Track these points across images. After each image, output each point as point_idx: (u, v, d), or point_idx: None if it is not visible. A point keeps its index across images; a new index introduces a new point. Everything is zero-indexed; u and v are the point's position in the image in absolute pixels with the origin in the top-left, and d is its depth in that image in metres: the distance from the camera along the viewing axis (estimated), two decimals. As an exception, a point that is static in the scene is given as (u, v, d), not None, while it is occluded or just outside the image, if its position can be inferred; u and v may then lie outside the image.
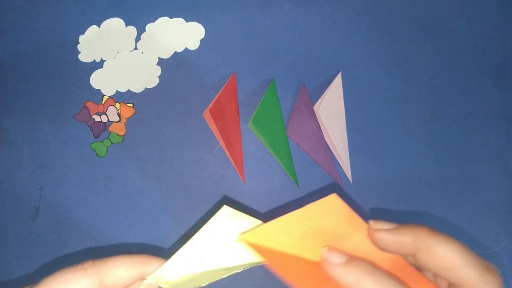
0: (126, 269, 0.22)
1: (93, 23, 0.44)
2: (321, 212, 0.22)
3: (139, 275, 0.23)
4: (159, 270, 0.23)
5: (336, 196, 0.21)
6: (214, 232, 0.23)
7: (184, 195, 0.43)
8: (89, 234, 0.43)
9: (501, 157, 0.44)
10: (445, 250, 0.20)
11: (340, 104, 0.43)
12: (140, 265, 0.23)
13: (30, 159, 0.43)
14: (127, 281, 0.22)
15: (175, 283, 0.23)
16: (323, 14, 0.44)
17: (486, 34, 0.45)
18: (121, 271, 0.22)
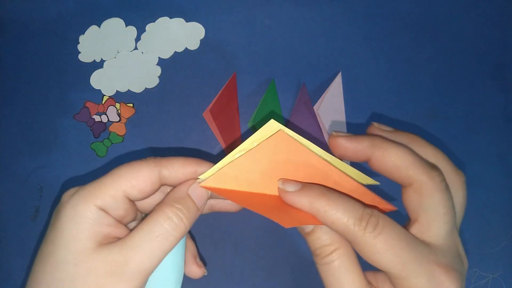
0: (182, 165, 0.26)
1: (93, 23, 0.44)
2: (273, 148, 0.24)
3: (193, 172, 0.25)
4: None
5: (282, 132, 0.23)
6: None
7: (184, 195, 0.43)
8: (89, 234, 0.43)
9: (501, 157, 0.44)
10: (396, 152, 0.23)
11: (340, 104, 0.43)
12: (193, 164, 0.26)
13: (30, 159, 0.43)
14: (181, 176, 0.25)
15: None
16: (323, 14, 0.44)
17: (486, 34, 0.45)
18: (177, 166, 0.25)
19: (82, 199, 0.23)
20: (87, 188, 0.24)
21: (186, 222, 0.24)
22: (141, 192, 0.24)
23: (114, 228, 0.23)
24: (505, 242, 0.43)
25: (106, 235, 0.23)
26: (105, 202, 0.23)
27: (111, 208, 0.23)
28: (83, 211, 0.22)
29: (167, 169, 0.25)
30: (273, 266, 0.43)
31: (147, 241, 0.22)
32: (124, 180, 0.24)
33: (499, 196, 0.43)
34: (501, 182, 0.43)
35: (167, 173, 0.25)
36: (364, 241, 0.21)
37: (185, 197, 0.25)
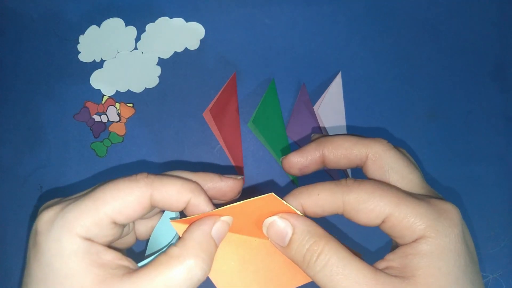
0: (178, 191, 0.22)
1: (93, 23, 0.44)
2: (259, 208, 0.22)
3: (185, 201, 0.23)
4: None
5: (273, 195, 0.21)
6: None
7: (184, 195, 0.43)
8: (89, 234, 0.43)
9: (501, 157, 0.44)
10: (340, 137, 0.25)
11: (340, 104, 0.43)
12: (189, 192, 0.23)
13: (30, 159, 0.43)
14: (175, 203, 0.22)
15: None
16: (323, 14, 0.44)
17: (486, 34, 0.45)
18: (173, 191, 0.22)
19: (65, 230, 0.20)
20: (68, 216, 0.20)
21: (207, 270, 0.21)
22: (130, 218, 0.22)
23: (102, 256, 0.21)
24: (505, 242, 0.43)
25: (101, 266, 0.20)
26: (89, 231, 0.20)
27: (97, 236, 0.21)
28: (69, 245, 0.20)
29: (160, 193, 0.22)
30: (273, 266, 0.43)
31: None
32: (109, 204, 0.21)
33: (499, 196, 0.43)
34: (501, 182, 0.43)
35: (160, 197, 0.22)
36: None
37: (209, 241, 0.21)
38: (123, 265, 0.21)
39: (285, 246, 0.22)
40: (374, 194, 0.22)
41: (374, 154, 0.24)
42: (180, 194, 0.22)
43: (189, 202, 0.23)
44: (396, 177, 0.24)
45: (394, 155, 0.24)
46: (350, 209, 0.22)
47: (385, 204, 0.21)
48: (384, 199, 0.21)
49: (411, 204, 0.21)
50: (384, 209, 0.21)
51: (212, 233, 0.22)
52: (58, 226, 0.20)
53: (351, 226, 0.42)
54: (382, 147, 0.24)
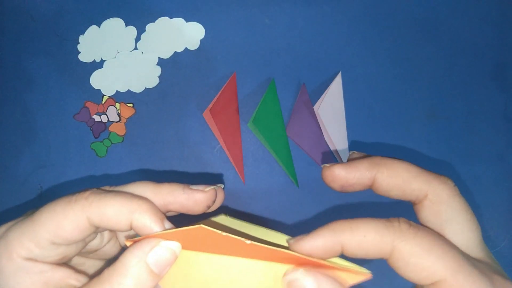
0: (115, 211, 0.21)
1: (93, 23, 0.44)
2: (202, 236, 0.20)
3: (127, 222, 0.21)
4: None
5: (203, 227, 0.19)
6: None
7: (184, 195, 0.43)
8: (89, 234, 0.43)
9: (501, 157, 0.44)
10: (400, 165, 0.22)
11: (340, 104, 0.43)
12: (129, 212, 0.21)
13: (30, 159, 0.43)
14: (116, 224, 0.21)
15: None
16: (323, 14, 0.44)
17: (486, 34, 0.45)
18: (109, 212, 0.21)
19: (4, 250, 0.20)
20: (9, 236, 0.21)
21: None
22: (67, 240, 0.21)
23: (47, 274, 0.21)
24: (505, 242, 0.43)
25: (44, 285, 0.21)
26: (31, 251, 0.20)
27: (40, 256, 0.21)
28: (8, 265, 0.20)
29: (97, 215, 0.21)
30: (273, 266, 0.43)
31: None
32: (45, 227, 0.20)
33: (499, 196, 0.43)
34: (501, 182, 0.43)
35: (98, 219, 0.21)
36: (400, 248, 0.18)
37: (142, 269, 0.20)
38: (69, 284, 0.21)
39: None
40: (432, 252, 0.18)
41: (435, 196, 0.21)
42: (118, 215, 0.21)
43: (133, 223, 0.21)
44: (455, 230, 0.21)
45: (458, 204, 0.21)
46: (399, 259, 0.19)
47: (443, 267, 0.18)
48: (443, 260, 0.18)
49: (471, 275, 0.18)
50: (439, 273, 0.18)
51: (148, 260, 0.20)
52: (1, 246, 0.20)
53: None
54: (447, 190, 0.21)
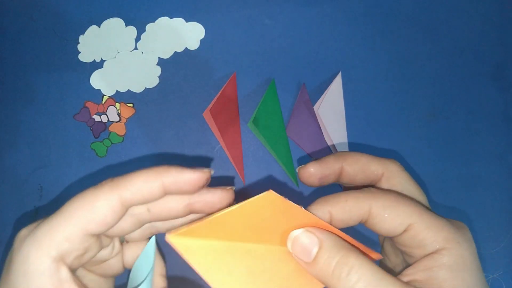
0: (144, 180, 0.21)
1: (93, 23, 0.44)
2: (258, 208, 0.21)
3: (158, 186, 0.21)
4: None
5: (272, 192, 0.21)
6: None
7: (184, 195, 0.43)
8: (89, 234, 0.43)
9: (501, 157, 0.44)
10: (356, 154, 0.26)
11: (340, 104, 0.43)
12: (158, 175, 0.21)
13: (30, 159, 0.43)
14: (147, 194, 0.21)
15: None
16: (323, 14, 0.44)
17: (486, 34, 0.45)
18: (139, 183, 0.21)
19: (34, 248, 0.20)
20: (38, 233, 0.20)
21: None
22: (103, 225, 0.21)
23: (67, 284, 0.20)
24: (505, 242, 0.43)
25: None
26: (60, 247, 0.20)
27: (69, 251, 0.20)
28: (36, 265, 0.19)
29: (127, 190, 0.21)
30: (273, 266, 0.43)
31: None
32: (79, 216, 0.20)
33: (499, 196, 0.43)
34: (501, 182, 0.43)
35: (129, 194, 0.21)
36: None
37: None
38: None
39: (310, 261, 0.22)
40: (399, 202, 0.23)
41: (389, 173, 0.25)
42: (147, 182, 0.21)
43: (164, 186, 0.22)
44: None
45: (406, 176, 0.25)
46: (376, 215, 0.23)
47: (410, 212, 0.22)
48: (409, 207, 0.22)
49: (432, 215, 0.22)
50: (409, 217, 0.22)
51: None
52: (28, 243, 0.20)
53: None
54: (396, 167, 0.26)
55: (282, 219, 0.22)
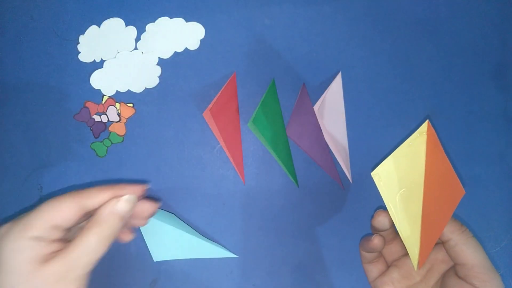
0: (100, 193, 0.31)
1: (93, 23, 0.44)
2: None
3: (109, 196, 0.31)
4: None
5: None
6: None
7: (184, 195, 0.43)
8: (89, 234, 0.43)
9: (501, 157, 0.44)
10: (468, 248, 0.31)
11: (340, 104, 0.43)
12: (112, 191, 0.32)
13: (30, 159, 0.43)
14: (98, 202, 0.31)
15: None
16: (323, 14, 0.44)
17: (486, 34, 0.45)
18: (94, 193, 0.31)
19: (17, 233, 0.28)
20: (19, 224, 0.28)
21: (108, 238, 0.30)
22: (68, 222, 0.30)
23: (54, 246, 0.28)
24: (505, 242, 0.43)
25: (48, 254, 0.28)
26: (38, 233, 0.28)
27: (46, 235, 0.28)
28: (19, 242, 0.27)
29: (87, 199, 0.30)
30: (273, 266, 0.43)
31: (81, 255, 0.28)
32: (48, 214, 0.29)
33: (499, 196, 0.43)
34: (501, 182, 0.43)
35: (90, 203, 0.31)
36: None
37: (104, 219, 0.30)
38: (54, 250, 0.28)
39: None
40: (475, 249, 0.31)
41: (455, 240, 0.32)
42: (103, 194, 0.31)
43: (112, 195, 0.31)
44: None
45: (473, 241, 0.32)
46: (456, 245, 0.31)
47: (475, 257, 0.31)
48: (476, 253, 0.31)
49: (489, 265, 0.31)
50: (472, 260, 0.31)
51: (109, 211, 0.31)
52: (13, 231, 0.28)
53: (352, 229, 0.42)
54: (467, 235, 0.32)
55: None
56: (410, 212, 0.30)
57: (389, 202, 0.30)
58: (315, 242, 0.43)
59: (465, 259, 0.30)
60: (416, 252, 0.29)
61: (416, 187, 0.29)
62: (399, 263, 0.35)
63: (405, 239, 0.30)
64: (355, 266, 0.43)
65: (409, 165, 0.30)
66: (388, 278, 0.34)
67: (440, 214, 0.30)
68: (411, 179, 0.30)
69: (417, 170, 0.29)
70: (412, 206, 0.29)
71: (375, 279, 0.35)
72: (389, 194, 0.30)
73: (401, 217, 0.30)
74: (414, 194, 0.29)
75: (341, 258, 0.43)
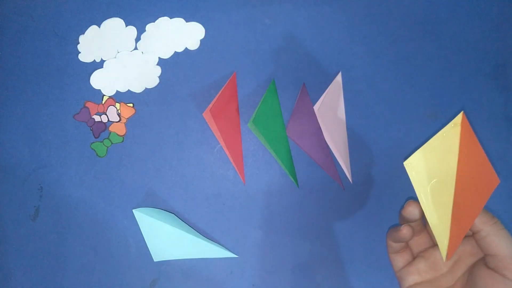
0: None
1: (93, 23, 0.44)
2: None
3: None
4: None
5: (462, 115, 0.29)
6: None
7: (184, 195, 0.43)
8: (89, 234, 0.43)
9: (501, 157, 0.44)
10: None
11: (340, 104, 0.43)
12: None
13: (30, 159, 0.43)
14: None
15: None
16: (323, 14, 0.44)
17: (486, 34, 0.45)
18: None
19: None
20: None
21: None
22: None
23: None
24: (505, 242, 0.43)
25: None
26: None
27: None
28: None
29: None
30: (273, 266, 0.43)
31: None
32: None
33: (499, 196, 0.43)
34: (501, 182, 0.43)
35: None
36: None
37: None
38: None
39: None
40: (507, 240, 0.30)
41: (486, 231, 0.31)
42: None
43: None
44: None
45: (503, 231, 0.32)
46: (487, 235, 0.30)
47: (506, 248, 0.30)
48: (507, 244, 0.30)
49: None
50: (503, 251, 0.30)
51: None
52: None
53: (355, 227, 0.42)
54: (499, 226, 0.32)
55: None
56: (441, 203, 0.29)
57: (420, 192, 0.30)
58: (315, 242, 0.43)
59: (496, 250, 0.30)
60: (445, 243, 0.29)
61: (448, 178, 0.29)
62: (426, 254, 0.34)
63: (435, 229, 0.30)
64: (355, 266, 0.43)
65: (442, 156, 0.30)
66: (414, 268, 0.34)
67: (471, 205, 0.30)
68: (443, 170, 0.30)
69: (449, 161, 0.29)
70: (443, 197, 0.29)
71: (401, 269, 0.34)
72: (420, 184, 0.30)
73: (432, 207, 0.30)
74: (446, 185, 0.29)
75: (341, 258, 0.43)
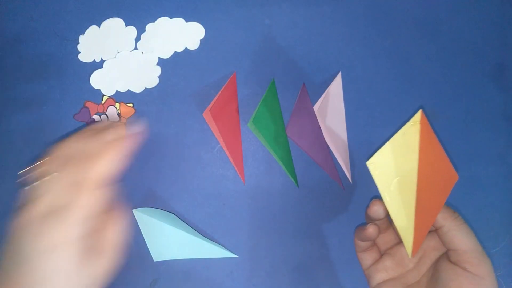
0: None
1: (93, 23, 0.44)
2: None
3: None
4: None
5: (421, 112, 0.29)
6: None
7: (184, 195, 0.43)
8: (89, 234, 0.43)
9: (501, 157, 0.44)
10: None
11: (340, 104, 0.43)
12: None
13: (30, 159, 0.43)
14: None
15: None
16: (323, 14, 0.44)
17: (486, 34, 0.45)
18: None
19: None
20: None
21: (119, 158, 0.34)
22: None
23: None
24: (505, 242, 0.43)
25: None
26: None
27: None
28: None
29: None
30: (273, 266, 0.43)
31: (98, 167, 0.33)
32: None
33: (499, 196, 0.43)
34: (501, 182, 0.43)
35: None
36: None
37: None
38: None
39: None
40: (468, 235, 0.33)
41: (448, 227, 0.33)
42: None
43: None
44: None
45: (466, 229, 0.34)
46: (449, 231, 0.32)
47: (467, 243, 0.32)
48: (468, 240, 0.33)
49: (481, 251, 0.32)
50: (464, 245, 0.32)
51: None
52: None
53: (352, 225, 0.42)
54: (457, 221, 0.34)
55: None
56: (404, 201, 0.30)
57: (384, 191, 0.30)
58: (315, 242, 0.43)
59: (457, 245, 0.31)
60: (410, 240, 0.30)
61: (410, 176, 0.30)
62: (392, 251, 0.35)
63: (399, 227, 0.30)
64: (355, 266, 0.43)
65: (403, 155, 0.30)
66: (381, 266, 0.34)
67: (433, 201, 0.30)
68: (405, 168, 0.30)
69: (411, 159, 0.30)
70: (406, 194, 0.30)
71: (369, 267, 0.35)
72: (384, 183, 0.30)
73: (396, 205, 0.30)
74: (408, 183, 0.30)
75: (341, 258, 0.43)
